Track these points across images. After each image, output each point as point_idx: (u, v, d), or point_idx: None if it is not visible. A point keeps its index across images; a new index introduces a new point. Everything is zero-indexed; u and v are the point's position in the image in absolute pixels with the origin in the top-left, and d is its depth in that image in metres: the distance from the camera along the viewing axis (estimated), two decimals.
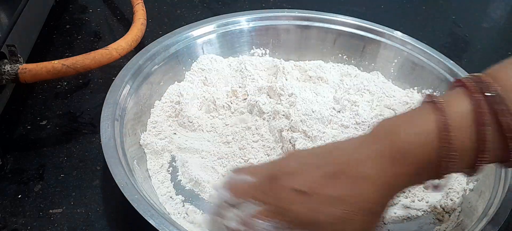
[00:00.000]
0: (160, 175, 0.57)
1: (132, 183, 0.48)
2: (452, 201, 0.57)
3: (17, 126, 0.63)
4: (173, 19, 0.88)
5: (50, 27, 0.81)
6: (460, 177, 0.59)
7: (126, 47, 0.66)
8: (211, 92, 0.66)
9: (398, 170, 0.39)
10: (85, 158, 0.60)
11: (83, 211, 0.54)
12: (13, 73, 0.56)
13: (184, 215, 0.53)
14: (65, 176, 0.57)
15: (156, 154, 0.59)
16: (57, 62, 0.58)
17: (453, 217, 0.55)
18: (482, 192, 0.55)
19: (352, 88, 0.69)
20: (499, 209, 0.50)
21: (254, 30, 0.75)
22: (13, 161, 0.58)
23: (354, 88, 0.69)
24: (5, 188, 0.55)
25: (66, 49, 0.78)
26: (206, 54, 0.72)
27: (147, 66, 0.64)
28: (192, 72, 0.70)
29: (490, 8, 1.06)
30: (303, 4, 0.81)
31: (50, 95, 0.69)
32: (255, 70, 0.71)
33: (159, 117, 0.63)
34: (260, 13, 0.76)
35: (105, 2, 0.91)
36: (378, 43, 0.75)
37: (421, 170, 0.39)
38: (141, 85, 0.63)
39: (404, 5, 1.02)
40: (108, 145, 0.52)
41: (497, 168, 0.55)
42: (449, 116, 0.38)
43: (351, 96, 0.67)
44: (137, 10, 0.76)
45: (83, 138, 0.63)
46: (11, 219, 0.52)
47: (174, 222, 0.46)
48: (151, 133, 0.61)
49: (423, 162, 0.39)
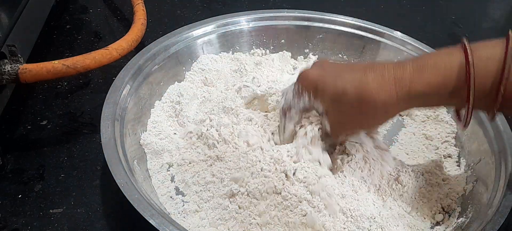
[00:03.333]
0: (160, 175, 0.57)
1: (132, 183, 0.48)
2: (452, 201, 0.57)
3: (17, 126, 0.63)
4: (173, 19, 0.88)
5: (50, 27, 0.81)
6: (460, 177, 0.59)
7: (127, 47, 0.66)
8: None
9: (416, 76, 0.46)
10: (85, 158, 0.60)
11: (83, 211, 0.54)
12: (13, 73, 0.56)
13: (184, 215, 0.53)
14: (65, 176, 0.57)
15: (156, 154, 0.59)
16: (58, 62, 0.58)
17: (453, 217, 0.55)
18: (482, 192, 0.55)
19: None
20: (499, 209, 0.50)
21: (254, 30, 0.75)
22: (14, 161, 0.59)
23: None
24: (5, 188, 0.55)
25: (66, 49, 0.78)
26: (206, 54, 0.72)
27: (147, 66, 0.64)
28: (192, 72, 0.70)
29: (490, 8, 1.06)
30: (303, 4, 0.81)
31: (50, 95, 0.69)
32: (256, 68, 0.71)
33: (159, 117, 0.63)
34: (260, 13, 0.76)
35: (105, 2, 0.91)
36: (378, 43, 0.75)
37: (439, 85, 0.46)
38: (141, 85, 0.63)
39: (404, 5, 1.02)
40: (108, 145, 0.52)
41: (497, 168, 0.55)
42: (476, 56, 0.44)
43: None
44: (137, 10, 0.76)
45: (83, 138, 0.63)
46: (12, 219, 0.52)
47: (174, 222, 0.46)
48: (151, 133, 0.61)
49: (443, 78, 0.45)
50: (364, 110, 0.49)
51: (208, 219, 0.52)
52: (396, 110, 0.50)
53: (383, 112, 0.49)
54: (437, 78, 0.46)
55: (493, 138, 0.59)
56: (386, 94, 0.48)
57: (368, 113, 0.50)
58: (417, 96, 0.47)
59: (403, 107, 0.49)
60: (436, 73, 0.46)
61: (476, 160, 0.60)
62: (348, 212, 0.51)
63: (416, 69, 0.47)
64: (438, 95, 0.47)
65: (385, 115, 0.51)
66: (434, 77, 0.46)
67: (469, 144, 0.62)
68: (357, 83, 0.48)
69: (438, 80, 0.46)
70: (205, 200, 0.54)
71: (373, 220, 0.52)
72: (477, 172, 0.58)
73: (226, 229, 0.51)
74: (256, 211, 0.51)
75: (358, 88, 0.48)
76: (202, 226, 0.52)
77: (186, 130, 0.61)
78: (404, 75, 0.47)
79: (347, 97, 0.49)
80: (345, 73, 0.50)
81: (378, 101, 0.48)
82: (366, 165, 0.55)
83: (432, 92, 0.47)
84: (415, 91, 0.47)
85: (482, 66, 0.44)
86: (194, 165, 0.57)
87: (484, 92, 0.45)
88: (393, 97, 0.47)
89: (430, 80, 0.46)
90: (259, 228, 0.51)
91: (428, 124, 0.67)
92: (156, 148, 0.59)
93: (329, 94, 0.50)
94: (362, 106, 0.49)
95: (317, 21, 0.76)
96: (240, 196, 0.52)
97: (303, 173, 0.53)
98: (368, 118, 0.51)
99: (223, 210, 0.52)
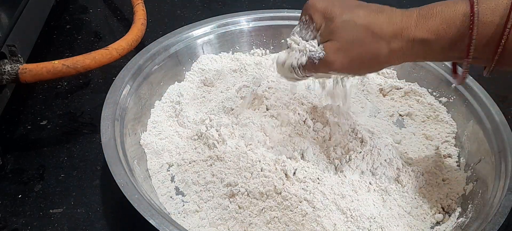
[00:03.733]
0: (160, 175, 0.57)
1: (132, 183, 0.48)
2: (452, 201, 0.57)
3: (17, 126, 0.63)
4: (173, 19, 0.88)
5: (50, 27, 0.81)
6: (460, 177, 0.59)
7: (127, 47, 0.66)
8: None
9: (421, 22, 0.47)
10: (86, 158, 0.60)
11: (83, 211, 0.54)
12: (13, 73, 0.56)
13: (184, 215, 0.53)
14: (65, 176, 0.57)
15: (156, 154, 0.59)
16: (58, 62, 0.58)
17: (453, 217, 0.55)
18: (482, 192, 0.55)
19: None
20: (499, 209, 0.50)
21: (254, 30, 0.75)
22: (14, 161, 0.59)
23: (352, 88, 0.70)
24: (5, 188, 0.55)
25: (66, 49, 0.78)
26: (206, 54, 0.72)
27: (147, 66, 0.64)
28: (192, 72, 0.70)
29: None
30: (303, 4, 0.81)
31: (50, 95, 0.69)
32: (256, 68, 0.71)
33: (159, 117, 0.63)
34: (260, 13, 0.76)
35: (105, 2, 0.91)
36: None
37: (442, 32, 0.46)
38: (141, 85, 0.63)
39: (404, 5, 1.01)
40: (108, 145, 0.52)
41: (497, 168, 0.55)
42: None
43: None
44: (137, 10, 0.77)
45: (83, 138, 0.63)
46: (12, 219, 0.52)
47: (174, 222, 0.46)
48: (151, 133, 0.61)
49: (447, 26, 0.46)
50: (370, 41, 0.49)
51: (208, 219, 0.52)
52: (399, 53, 0.49)
53: (387, 50, 0.49)
54: (441, 25, 0.47)
55: (493, 138, 0.59)
56: (392, 32, 0.48)
57: (373, 47, 0.49)
58: (420, 42, 0.48)
59: (406, 53, 0.49)
60: (440, 21, 0.47)
61: (476, 160, 0.60)
62: (348, 212, 0.51)
63: (422, 15, 0.48)
64: (440, 44, 0.47)
65: (389, 55, 0.49)
66: (438, 25, 0.47)
67: (469, 144, 0.62)
68: (365, 15, 0.49)
69: (442, 27, 0.47)
70: (205, 200, 0.54)
71: (373, 220, 0.52)
72: (477, 172, 0.58)
73: (226, 229, 0.51)
74: (256, 211, 0.51)
75: (366, 20, 0.49)
76: (202, 226, 0.52)
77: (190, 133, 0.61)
78: (410, 20, 0.48)
79: (355, 26, 0.49)
80: (354, 7, 0.50)
81: (385, 34, 0.48)
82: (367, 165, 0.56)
83: (434, 40, 0.47)
84: (419, 36, 0.47)
85: (487, 16, 0.44)
86: (194, 165, 0.57)
87: (485, 44, 0.45)
88: (398, 37, 0.48)
89: (433, 27, 0.47)
90: (259, 228, 0.51)
91: (428, 124, 0.67)
92: (156, 148, 0.59)
93: (336, 22, 0.50)
94: (368, 38, 0.49)
95: None
96: (240, 196, 0.52)
97: (303, 173, 0.53)
98: (372, 52, 0.49)
99: (223, 210, 0.52)
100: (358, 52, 0.49)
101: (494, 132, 0.59)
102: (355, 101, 0.70)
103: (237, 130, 0.59)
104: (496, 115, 0.61)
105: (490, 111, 0.62)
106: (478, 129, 0.61)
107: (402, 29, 0.48)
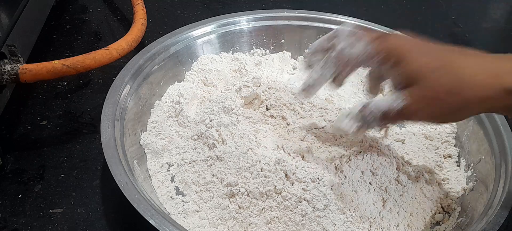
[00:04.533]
0: (160, 175, 0.57)
1: (132, 183, 0.48)
2: (452, 201, 0.57)
3: (17, 126, 0.63)
4: (173, 19, 0.88)
5: (50, 27, 0.81)
6: (460, 177, 0.59)
7: (126, 47, 0.66)
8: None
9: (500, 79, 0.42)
10: (85, 158, 0.60)
11: (84, 211, 0.54)
12: (13, 73, 0.56)
13: (184, 215, 0.53)
14: (65, 176, 0.58)
15: (156, 154, 0.59)
16: (57, 62, 0.58)
17: (453, 217, 0.55)
18: (482, 192, 0.55)
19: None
20: (499, 209, 0.50)
21: (254, 30, 0.75)
22: (13, 161, 0.59)
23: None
24: (5, 188, 0.55)
25: (66, 49, 0.78)
26: (206, 54, 0.72)
27: (147, 66, 0.64)
28: (192, 72, 0.70)
29: (490, 8, 1.06)
30: (303, 4, 0.81)
31: (50, 95, 0.69)
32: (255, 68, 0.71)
33: (159, 117, 0.63)
34: (260, 13, 0.76)
35: (105, 2, 0.91)
36: None
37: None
38: (141, 85, 0.63)
39: (404, 5, 1.02)
40: (108, 145, 0.52)
41: (497, 168, 0.55)
42: None
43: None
44: (137, 10, 0.77)
45: (83, 138, 0.63)
46: (12, 219, 0.52)
47: (174, 222, 0.46)
48: (151, 133, 0.61)
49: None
50: (459, 90, 0.43)
51: (208, 219, 0.52)
52: (488, 104, 0.43)
53: (476, 101, 0.43)
54: None
55: (493, 138, 0.59)
56: (482, 81, 0.42)
57: (463, 96, 0.43)
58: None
59: (495, 104, 0.43)
60: None
61: (476, 160, 0.60)
62: (348, 212, 0.51)
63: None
64: None
65: (478, 106, 0.44)
66: None
67: (469, 144, 0.62)
68: (449, 62, 0.44)
69: None
70: (205, 200, 0.54)
71: (373, 220, 0.52)
72: (477, 172, 0.58)
73: (226, 229, 0.51)
74: (256, 211, 0.51)
75: (456, 64, 0.43)
76: (202, 226, 0.52)
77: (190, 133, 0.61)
78: (504, 67, 0.42)
79: (445, 73, 0.43)
80: (433, 50, 0.45)
81: (473, 86, 0.42)
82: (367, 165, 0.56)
83: None
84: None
85: None
86: (194, 165, 0.57)
87: None
88: (489, 87, 0.42)
89: None
90: (259, 228, 0.51)
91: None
92: (156, 148, 0.59)
93: (414, 67, 0.44)
94: (458, 85, 0.43)
95: (317, 21, 0.76)
96: (240, 196, 0.52)
97: (303, 173, 0.53)
98: (461, 102, 0.43)
99: (223, 210, 0.52)
100: (447, 101, 0.43)
101: (494, 132, 0.59)
102: (355, 101, 0.70)
103: (237, 129, 0.59)
104: (496, 115, 0.61)
105: None
106: (478, 129, 0.61)
107: (495, 76, 0.42)
